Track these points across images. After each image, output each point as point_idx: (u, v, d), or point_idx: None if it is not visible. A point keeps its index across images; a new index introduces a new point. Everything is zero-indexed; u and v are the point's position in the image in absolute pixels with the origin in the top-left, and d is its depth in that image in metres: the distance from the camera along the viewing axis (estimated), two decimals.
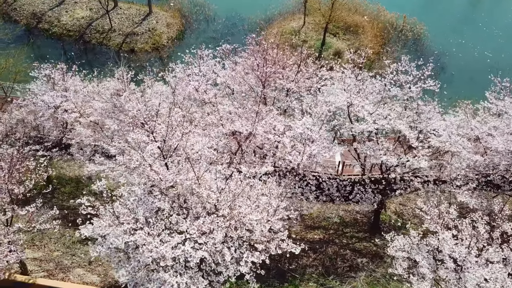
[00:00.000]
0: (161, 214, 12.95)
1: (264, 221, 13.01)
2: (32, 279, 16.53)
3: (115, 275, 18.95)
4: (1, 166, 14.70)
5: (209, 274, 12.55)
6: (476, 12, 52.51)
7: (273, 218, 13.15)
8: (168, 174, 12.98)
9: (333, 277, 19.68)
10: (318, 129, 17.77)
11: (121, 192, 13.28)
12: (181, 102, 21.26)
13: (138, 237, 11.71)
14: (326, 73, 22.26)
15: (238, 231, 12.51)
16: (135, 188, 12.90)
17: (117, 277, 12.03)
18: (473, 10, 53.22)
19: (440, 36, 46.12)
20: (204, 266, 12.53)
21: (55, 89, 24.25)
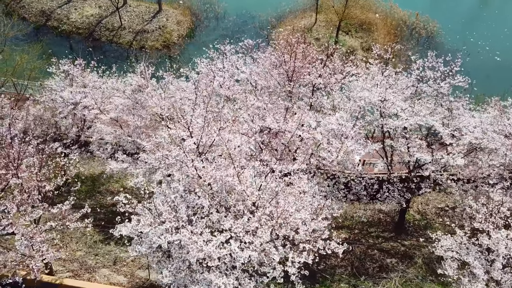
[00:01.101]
0: (201, 212, 12.41)
1: (309, 220, 12.49)
2: (59, 279, 15.99)
3: (141, 275, 18.52)
4: (33, 161, 14.16)
5: (252, 275, 12.01)
6: (486, 10, 52.06)
7: (320, 217, 12.63)
8: (209, 170, 12.43)
9: (365, 278, 19.13)
10: (352, 125, 17.21)
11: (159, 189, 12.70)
12: (205, 97, 20.75)
13: (183, 236, 11.16)
14: (352, 69, 21.74)
15: (283, 229, 11.98)
16: (174, 184, 12.34)
17: (160, 277, 11.48)
18: (483, 9, 52.78)
19: (452, 34, 45.67)
20: (246, 267, 11.99)
21: (73, 85, 23.76)
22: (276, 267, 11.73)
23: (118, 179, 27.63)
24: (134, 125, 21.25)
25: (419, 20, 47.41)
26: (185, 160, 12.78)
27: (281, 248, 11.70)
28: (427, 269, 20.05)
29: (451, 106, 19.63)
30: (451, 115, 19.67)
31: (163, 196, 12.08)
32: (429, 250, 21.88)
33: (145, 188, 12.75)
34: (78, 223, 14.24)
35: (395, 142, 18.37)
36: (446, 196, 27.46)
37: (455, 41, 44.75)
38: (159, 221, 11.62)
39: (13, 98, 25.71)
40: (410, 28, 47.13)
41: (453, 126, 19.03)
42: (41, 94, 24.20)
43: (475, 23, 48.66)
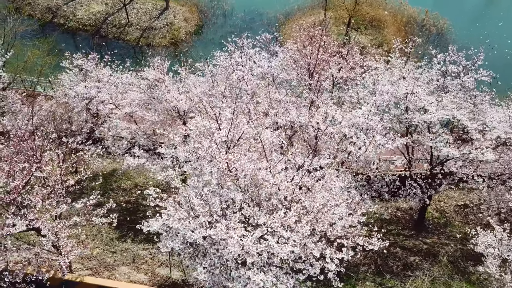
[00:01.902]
0: (233, 207, 11.93)
1: (346, 215, 12.03)
2: (79, 277, 15.48)
3: (162, 273, 18.02)
4: (57, 153, 13.67)
5: (287, 272, 11.52)
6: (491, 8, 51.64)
7: (358, 212, 12.18)
8: (242, 163, 11.95)
9: (390, 276, 18.65)
10: (379, 119, 16.75)
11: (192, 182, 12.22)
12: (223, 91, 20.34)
13: (219, 231, 10.67)
14: (373, 63, 21.33)
15: (320, 225, 11.50)
16: (207, 177, 11.85)
17: (195, 274, 10.98)
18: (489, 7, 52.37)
19: (461, 31, 45.24)
20: (280, 264, 11.49)
21: (87, 80, 23.29)
22: (314, 264, 11.26)
23: (130, 176, 27.17)
24: (151, 120, 20.79)
25: (428, 17, 47.00)
26: (217, 153, 12.29)
27: (320, 244, 11.22)
28: (452, 267, 19.57)
29: (477, 100, 19.18)
30: (477, 110, 19.22)
31: (196, 189, 11.58)
32: (453, 248, 21.51)
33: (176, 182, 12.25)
34: (103, 218, 13.72)
35: (422, 136, 17.88)
36: (463, 193, 27.03)
37: (465, 38, 44.30)
38: (193, 215, 11.13)
39: (24, 94, 25.23)
40: (420, 25, 46.70)
41: (479, 121, 18.57)
42: (54, 89, 23.68)
43: (482, 21, 48.21)
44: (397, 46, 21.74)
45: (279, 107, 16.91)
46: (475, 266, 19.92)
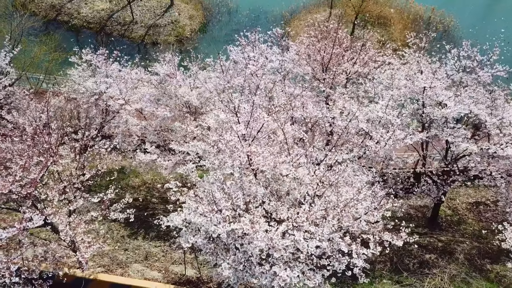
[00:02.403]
0: (254, 201, 11.61)
1: (372, 209, 11.73)
2: (92, 274, 15.17)
3: (176, 270, 17.71)
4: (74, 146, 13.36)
5: (311, 268, 11.20)
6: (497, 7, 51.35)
7: (385, 206, 11.89)
8: (266, 155, 11.64)
9: (407, 274, 18.35)
10: (397, 114, 16.45)
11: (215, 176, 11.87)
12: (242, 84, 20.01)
13: (244, 225, 10.36)
14: (387, 58, 21.04)
15: (345, 219, 11.19)
16: (228, 171, 11.53)
17: (219, 270, 10.66)
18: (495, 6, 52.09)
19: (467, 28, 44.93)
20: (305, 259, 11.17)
21: (96, 75, 22.97)
22: (341, 259, 10.95)
23: (138, 174, 26.87)
24: (162, 115, 20.47)
25: (435, 15, 46.74)
26: (238, 146, 11.98)
27: (348, 239, 10.91)
28: (470, 265, 19.27)
29: (495, 95, 18.90)
30: (494, 105, 18.93)
31: (218, 183, 11.26)
32: (469, 246, 21.22)
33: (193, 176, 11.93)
34: (119, 213, 13.40)
35: (440, 132, 17.58)
36: (474, 190, 26.75)
37: (472, 35, 43.97)
38: (216, 209, 10.81)
39: (32, 90, 24.90)
40: (426, 23, 46.43)
41: (497, 116, 18.27)
42: (63, 85, 23.37)
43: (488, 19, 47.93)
44: (411, 41, 21.46)
45: (295, 101, 16.59)
46: (492, 263, 19.66)
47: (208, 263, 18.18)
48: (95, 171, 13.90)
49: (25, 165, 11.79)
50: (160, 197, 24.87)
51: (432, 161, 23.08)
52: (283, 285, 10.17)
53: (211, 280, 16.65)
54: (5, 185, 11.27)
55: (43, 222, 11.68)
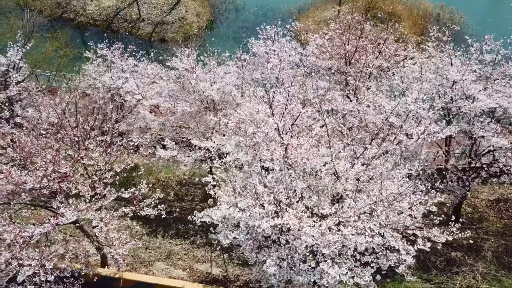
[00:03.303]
0: (294, 196, 11.16)
1: (417, 204, 11.31)
2: (118, 273, 14.69)
3: (200, 268, 17.25)
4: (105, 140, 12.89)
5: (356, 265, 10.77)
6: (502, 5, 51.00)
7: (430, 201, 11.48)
8: (307, 148, 11.20)
9: (435, 272, 17.91)
10: (428, 107, 16.02)
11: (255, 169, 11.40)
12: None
13: (290, 220, 9.91)
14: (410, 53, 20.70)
15: (391, 214, 10.76)
16: (268, 164, 11.07)
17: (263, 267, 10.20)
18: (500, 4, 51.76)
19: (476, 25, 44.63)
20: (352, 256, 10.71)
21: (112, 70, 22.53)
22: (390, 256, 10.52)
23: (152, 171, 26.48)
24: (182, 111, 20.01)
25: (444, 12, 46.44)
26: (277, 138, 11.54)
27: (397, 235, 10.49)
28: (498, 263, 18.86)
29: None
30: None
31: (260, 176, 10.81)
32: (494, 243, 20.81)
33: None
34: (151, 209, 12.92)
35: (471, 126, 17.15)
36: (493, 188, 26.37)
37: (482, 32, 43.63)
38: (258, 204, 10.35)
39: (44, 86, 24.41)
40: (435, 20, 46.10)
41: None
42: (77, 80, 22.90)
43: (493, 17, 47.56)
44: (433, 34, 21.07)
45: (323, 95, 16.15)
46: None
47: (233, 261, 17.77)
48: (125, 165, 13.43)
49: (55, 159, 11.33)
50: (175, 194, 24.47)
51: (449, 157, 22.68)
52: (332, 282, 9.74)
53: (237, 278, 16.21)
54: (36, 179, 10.81)
55: (76, 218, 11.22)
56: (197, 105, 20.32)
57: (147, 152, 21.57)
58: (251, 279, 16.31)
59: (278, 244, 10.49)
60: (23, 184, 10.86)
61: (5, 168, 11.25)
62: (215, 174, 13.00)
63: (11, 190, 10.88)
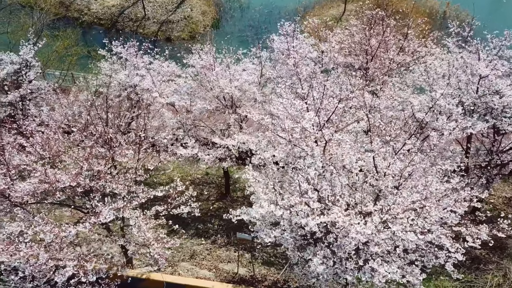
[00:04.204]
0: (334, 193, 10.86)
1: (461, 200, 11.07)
2: (145, 273, 14.37)
3: (225, 268, 16.93)
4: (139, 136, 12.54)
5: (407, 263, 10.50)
6: None
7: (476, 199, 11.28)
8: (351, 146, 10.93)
9: (463, 269, 17.65)
10: (456, 103, 15.79)
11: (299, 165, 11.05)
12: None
13: (338, 217, 9.62)
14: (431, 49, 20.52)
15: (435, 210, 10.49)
16: (309, 161, 10.76)
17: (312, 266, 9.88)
18: None
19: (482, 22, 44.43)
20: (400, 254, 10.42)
21: (127, 68, 22.17)
22: (438, 254, 10.27)
23: (163, 170, 26.15)
24: (201, 108, 19.69)
25: (450, 9, 46.32)
26: (316, 134, 11.25)
27: (446, 231, 10.23)
28: None
29: None
30: None
31: (303, 173, 10.51)
32: None
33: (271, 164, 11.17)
34: (183, 207, 12.59)
35: (499, 122, 16.92)
36: (509, 185, 26.18)
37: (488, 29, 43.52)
38: (303, 202, 10.05)
39: (57, 84, 24.05)
40: (441, 17, 46.01)
41: None
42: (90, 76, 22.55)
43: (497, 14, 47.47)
44: (453, 29, 20.86)
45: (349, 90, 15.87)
46: None
47: (257, 261, 17.47)
48: (157, 163, 13.10)
49: (89, 156, 11.00)
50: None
51: (469, 154, 22.45)
52: (383, 281, 9.46)
53: (265, 278, 15.91)
54: (72, 178, 10.47)
55: (114, 217, 10.89)
56: (216, 102, 20.03)
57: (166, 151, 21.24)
58: (279, 279, 16.04)
59: (323, 242, 10.20)
60: (56, 182, 10.53)
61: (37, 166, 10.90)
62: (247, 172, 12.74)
63: (44, 189, 10.54)
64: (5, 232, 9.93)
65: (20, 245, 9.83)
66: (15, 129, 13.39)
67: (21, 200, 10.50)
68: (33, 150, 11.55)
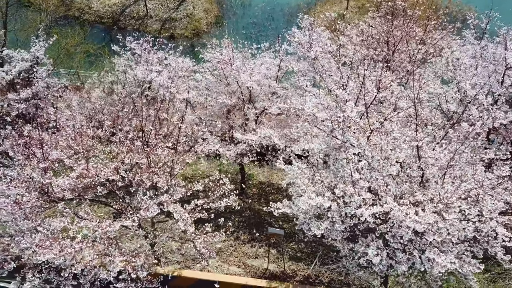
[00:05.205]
0: None
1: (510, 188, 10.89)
2: (176, 270, 14.07)
3: (254, 264, 16.64)
4: None
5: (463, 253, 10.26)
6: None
7: None
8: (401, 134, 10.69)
9: (493, 261, 17.49)
10: (485, 93, 15.64)
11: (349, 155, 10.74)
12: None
13: (393, 207, 9.37)
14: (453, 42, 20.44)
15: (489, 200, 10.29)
16: (352, 150, 10.50)
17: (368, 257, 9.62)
18: None
19: None
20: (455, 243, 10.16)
21: (141, 63, 21.80)
22: (493, 243, 10.06)
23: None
24: (221, 103, 19.39)
25: (452, 5, 46.33)
26: (361, 123, 11.00)
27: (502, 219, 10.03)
28: None
29: None
30: None
31: (353, 163, 10.24)
32: None
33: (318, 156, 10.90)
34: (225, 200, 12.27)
35: None
36: None
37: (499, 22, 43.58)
38: (355, 192, 9.79)
39: (68, 82, 23.63)
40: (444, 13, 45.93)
41: None
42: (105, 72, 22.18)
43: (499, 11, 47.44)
44: (471, 21, 20.76)
45: None
46: None
47: (284, 257, 17.20)
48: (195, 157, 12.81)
49: (129, 149, 10.67)
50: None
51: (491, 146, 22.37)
52: (443, 271, 9.24)
53: (295, 274, 15.66)
54: (113, 171, 10.14)
55: (158, 211, 10.57)
56: (236, 97, 19.75)
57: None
58: (310, 274, 15.79)
59: (374, 233, 9.96)
60: (96, 176, 10.19)
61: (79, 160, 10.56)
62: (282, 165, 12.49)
63: (85, 184, 10.21)
64: (49, 228, 9.57)
65: (64, 241, 9.49)
66: (42, 124, 13.02)
67: (60, 196, 10.15)
68: (67, 144, 11.19)
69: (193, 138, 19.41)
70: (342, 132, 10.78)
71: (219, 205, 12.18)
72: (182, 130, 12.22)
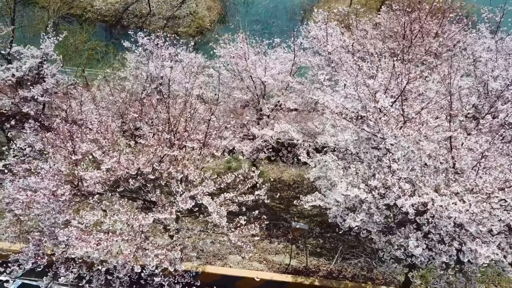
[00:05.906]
0: None
1: None
2: (199, 267, 13.87)
3: (275, 260, 16.46)
4: None
5: None
6: None
7: None
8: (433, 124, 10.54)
9: None
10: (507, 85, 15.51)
11: None
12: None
13: (434, 197, 9.22)
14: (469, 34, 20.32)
15: None
16: (390, 141, 10.33)
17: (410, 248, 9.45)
18: None
19: None
20: None
21: (153, 59, 21.58)
22: None
23: None
24: (236, 99, 19.24)
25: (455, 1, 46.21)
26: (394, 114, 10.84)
27: None
28: None
29: None
30: None
31: (390, 153, 10.08)
32: None
33: None
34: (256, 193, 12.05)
35: None
36: None
37: None
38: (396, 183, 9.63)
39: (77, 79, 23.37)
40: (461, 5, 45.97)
41: None
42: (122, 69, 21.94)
43: None
44: (486, 15, 20.71)
45: None
46: None
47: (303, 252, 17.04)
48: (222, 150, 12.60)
49: (159, 141, 10.48)
50: None
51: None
52: (488, 262, 9.10)
53: (318, 269, 15.49)
54: (146, 163, 9.94)
55: (192, 205, 10.37)
56: (251, 92, 19.58)
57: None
58: (332, 269, 15.63)
59: (412, 224, 9.81)
60: (127, 169, 9.99)
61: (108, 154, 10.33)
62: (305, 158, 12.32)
63: (116, 176, 9.99)
64: (82, 221, 9.34)
65: (97, 235, 9.27)
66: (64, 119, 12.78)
67: (92, 190, 9.93)
68: (93, 137, 10.97)
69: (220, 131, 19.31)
70: (375, 123, 10.62)
71: (247, 199, 11.92)
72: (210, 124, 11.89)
